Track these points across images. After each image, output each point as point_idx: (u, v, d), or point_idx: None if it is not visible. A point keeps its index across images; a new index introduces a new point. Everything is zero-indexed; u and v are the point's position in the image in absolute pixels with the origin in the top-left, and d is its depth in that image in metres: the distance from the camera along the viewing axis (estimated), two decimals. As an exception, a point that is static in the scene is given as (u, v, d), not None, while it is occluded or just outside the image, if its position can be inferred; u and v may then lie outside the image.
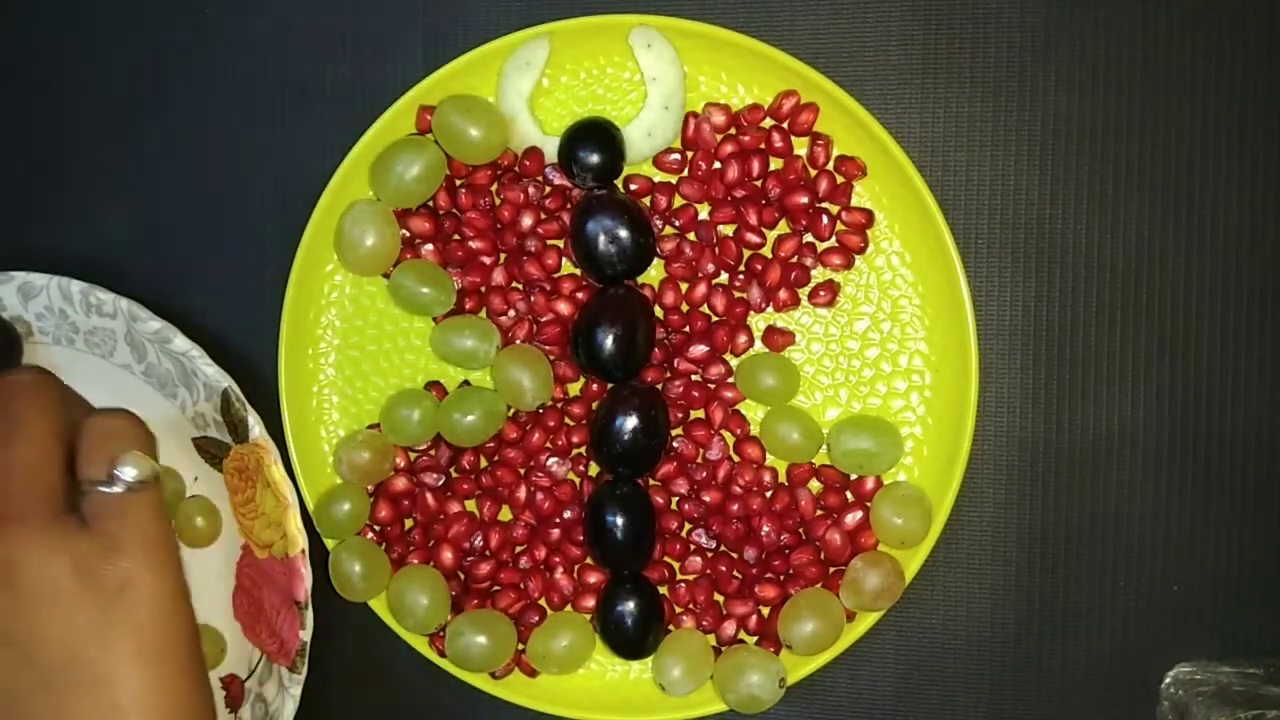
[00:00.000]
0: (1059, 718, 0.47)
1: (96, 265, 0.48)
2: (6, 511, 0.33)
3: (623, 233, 0.44)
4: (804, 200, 0.45)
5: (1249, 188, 0.46)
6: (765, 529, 0.46)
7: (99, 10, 0.49)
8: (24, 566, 0.32)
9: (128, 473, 0.34)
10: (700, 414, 0.46)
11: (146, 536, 0.34)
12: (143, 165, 0.49)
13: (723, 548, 0.46)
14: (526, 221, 0.46)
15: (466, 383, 0.47)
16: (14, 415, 0.34)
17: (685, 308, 0.46)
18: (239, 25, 0.48)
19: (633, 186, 0.46)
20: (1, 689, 0.32)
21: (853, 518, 0.45)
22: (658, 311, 0.46)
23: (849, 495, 0.46)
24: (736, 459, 0.46)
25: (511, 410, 0.46)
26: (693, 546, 0.47)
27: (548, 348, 0.46)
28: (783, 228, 0.46)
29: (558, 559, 0.47)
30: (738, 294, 0.46)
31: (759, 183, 0.46)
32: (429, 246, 0.46)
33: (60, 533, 0.33)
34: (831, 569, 0.46)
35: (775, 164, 0.46)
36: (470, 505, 0.47)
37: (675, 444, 0.46)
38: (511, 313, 0.46)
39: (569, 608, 0.47)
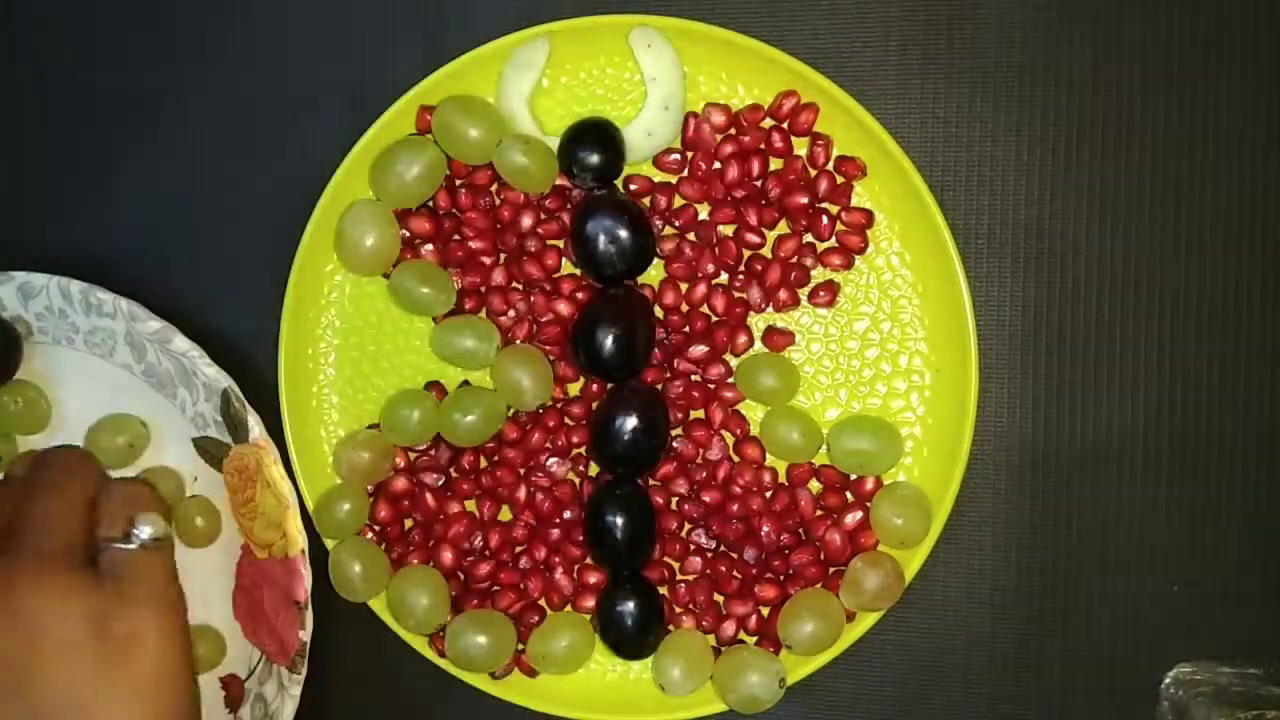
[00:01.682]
0: (1059, 718, 0.47)
1: (96, 265, 0.48)
2: (33, 562, 0.34)
3: (623, 233, 0.44)
4: (804, 200, 0.45)
5: (1249, 187, 0.46)
6: (765, 529, 0.46)
7: (99, 10, 0.49)
8: (42, 616, 0.33)
9: (144, 531, 0.37)
10: (700, 414, 0.46)
11: (156, 592, 0.36)
12: (143, 165, 0.49)
13: (722, 548, 0.46)
14: (526, 221, 0.46)
15: (466, 383, 0.47)
16: (54, 476, 0.37)
17: (685, 308, 0.46)
18: (239, 26, 0.48)
19: (633, 186, 0.46)
20: None
21: (852, 518, 0.45)
22: (658, 311, 0.46)
23: (849, 495, 0.46)
24: (736, 459, 0.46)
25: (511, 410, 0.46)
26: (693, 546, 0.47)
27: (548, 348, 0.46)
28: (783, 228, 0.46)
29: (558, 559, 0.47)
30: (738, 294, 0.46)
31: (759, 183, 0.46)
32: (429, 246, 0.46)
33: (79, 584, 0.35)
34: (831, 569, 0.46)
35: (775, 164, 0.46)
36: (470, 505, 0.47)
37: (675, 444, 0.46)
38: (511, 313, 0.46)
39: (569, 608, 0.47)
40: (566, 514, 0.46)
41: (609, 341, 0.44)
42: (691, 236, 0.46)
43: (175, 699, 0.35)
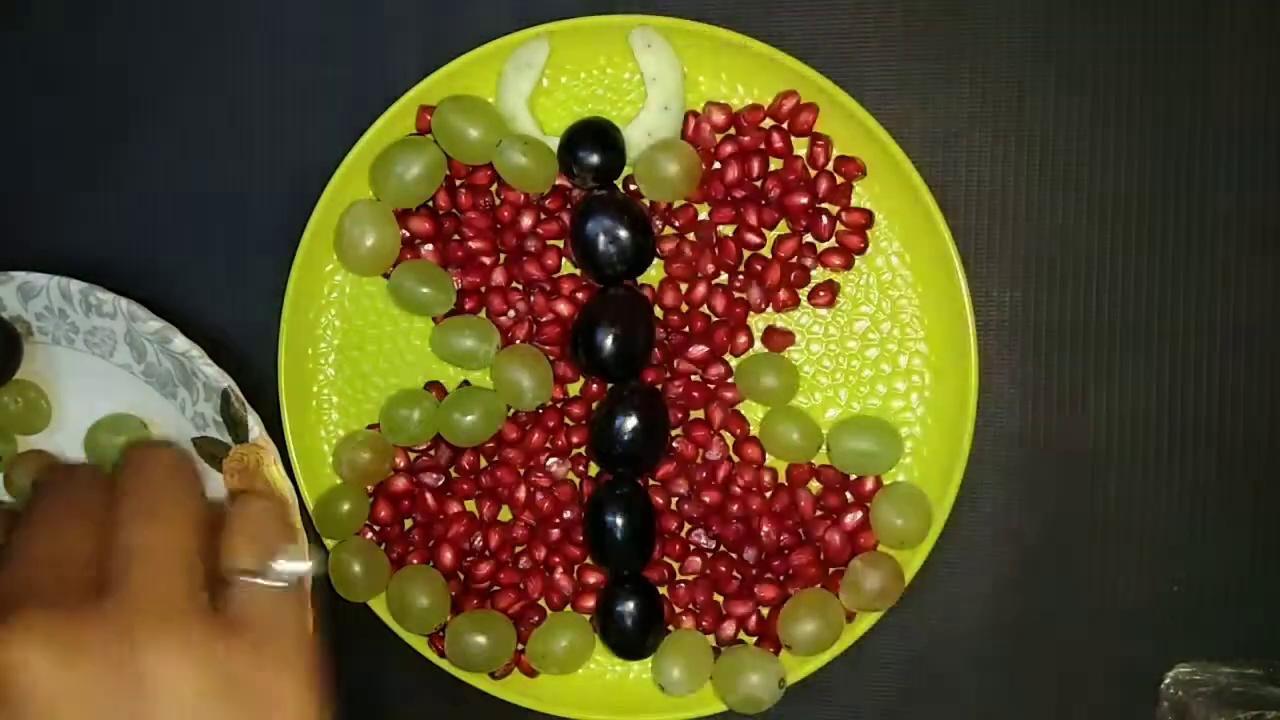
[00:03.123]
0: (1059, 718, 0.47)
1: (96, 265, 0.48)
2: (151, 607, 0.28)
3: (623, 233, 0.44)
4: (804, 200, 0.45)
5: (1249, 187, 0.46)
6: (765, 529, 0.46)
7: (99, 10, 0.49)
8: (162, 674, 0.27)
9: (289, 568, 0.30)
10: (700, 414, 0.46)
11: (300, 646, 0.30)
12: (143, 165, 0.49)
13: (722, 548, 0.46)
14: (526, 221, 0.46)
15: (466, 383, 0.47)
16: (152, 497, 0.30)
17: (685, 308, 0.46)
18: (238, 25, 0.48)
19: (633, 186, 0.46)
20: None
21: (852, 518, 0.45)
22: (658, 311, 0.46)
23: (849, 495, 0.46)
24: (736, 459, 0.46)
25: (511, 410, 0.46)
26: (692, 547, 0.47)
27: (548, 348, 0.46)
28: (782, 228, 0.46)
29: (558, 559, 0.47)
30: (737, 294, 0.46)
31: (759, 183, 0.46)
32: (429, 246, 0.46)
33: (206, 636, 0.28)
34: (831, 569, 0.46)
35: (775, 164, 0.46)
36: (470, 505, 0.47)
37: (675, 444, 0.46)
38: (511, 313, 0.46)
39: (569, 608, 0.47)
40: (566, 514, 0.46)
41: (609, 341, 0.44)
42: (691, 236, 0.46)
43: None
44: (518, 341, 0.46)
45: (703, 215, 0.46)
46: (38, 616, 0.27)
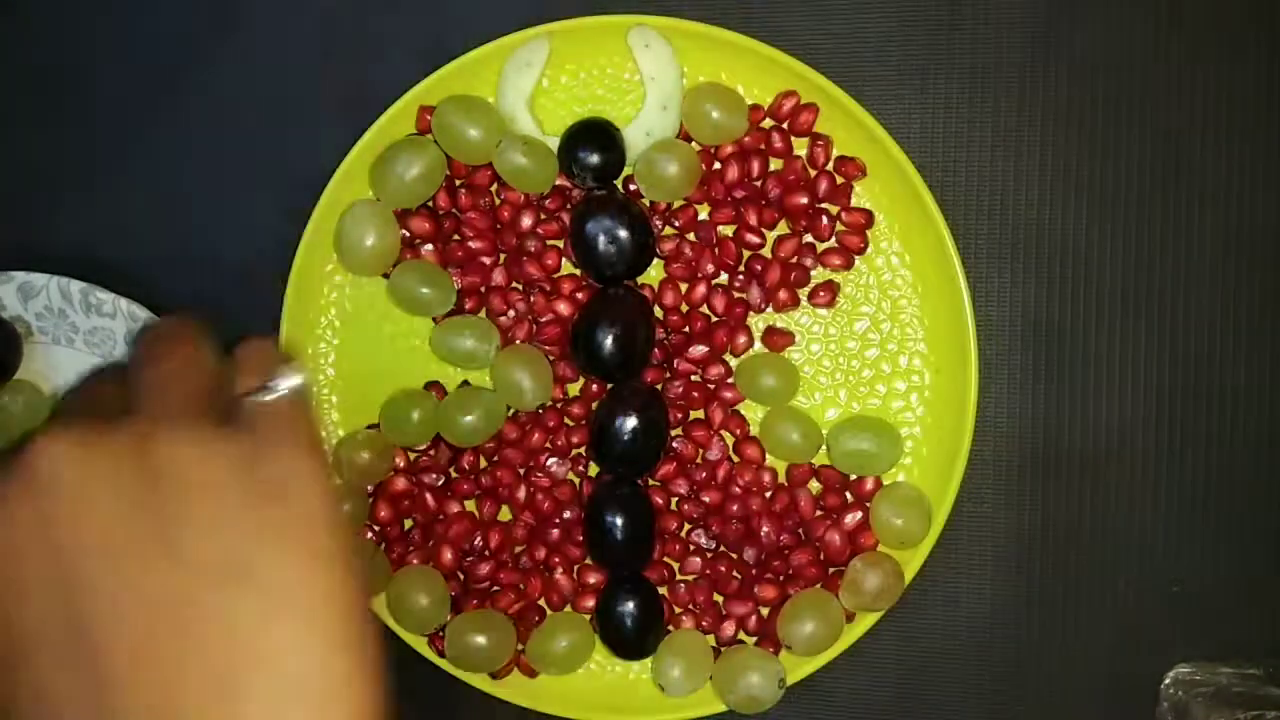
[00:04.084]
0: (1059, 718, 0.47)
1: (96, 265, 0.48)
2: (164, 420, 0.31)
3: (623, 233, 0.44)
4: (804, 201, 0.45)
5: (1248, 188, 0.46)
6: (765, 529, 0.46)
7: (99, 11, 0.49)
8: (180, 464, 0.30)
9: (284, 382, 0.34)
10: (700, 414, 0.46)
11: (302, 437, 0.33)
12: (143, 165, 0.49)
13: (722, 548, 0.46)
14: (526, 221, 0.46)
15: (466, 383, 0.47)
16: (166, 344, 0.34)
17: (685, 308, 0.46)
18: (239, 26, 0.48)
19: (632, 186, 0.46)
20: (155, 594, 0.29)
21: (852, 518, 0.45)
22: (658, 312, 0.46)
23: (848, 496, 0.46)
24: (736, 459, 0.46)
25: (511, 410, 0.46)
26: (692, 547, 0.47)
27: (548, 348, 0.46)
28: (782, 228, 0.46)
29: (557, 559, 0.47)
30: (737, 294, 0.46)
31: (759, 183, 0.46)
32: (429, 246, 0.46)
33: (217, 435, 0.31)
34: (831, 569, 0.46)
35: (775, 164, 0.46)
36: (470, 505, 0.47)
37: (675, 444, 0.46)
38: (511, 313, 0.46)
39: (568, 608, 0.47)
40: (566, 514, 0.46)
41: (609, 341, 0.44)
42: (691, 236, 0.46)
43: (336, 539, 0.31)
44: (518, 341, 0.46)
45: (703, 215, 0.46)
46: (64, 422, 0.31)
